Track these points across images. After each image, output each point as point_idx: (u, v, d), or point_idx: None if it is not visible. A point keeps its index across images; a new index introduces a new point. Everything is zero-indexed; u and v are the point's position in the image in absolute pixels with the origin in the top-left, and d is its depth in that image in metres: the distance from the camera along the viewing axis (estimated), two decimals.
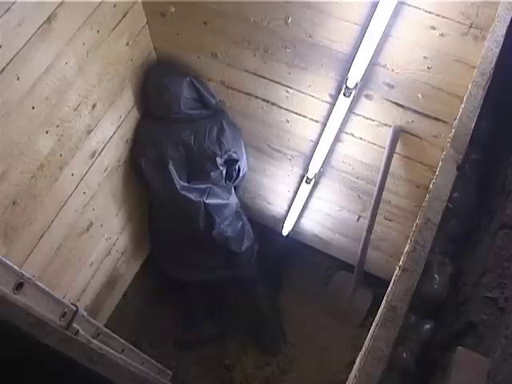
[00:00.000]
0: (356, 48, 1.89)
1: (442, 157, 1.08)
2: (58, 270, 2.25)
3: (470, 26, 1.68)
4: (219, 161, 2.45)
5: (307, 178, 2.56)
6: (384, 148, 2.19)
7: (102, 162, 2.31)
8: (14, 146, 1.77)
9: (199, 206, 2.48)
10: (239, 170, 2.59)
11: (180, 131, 2.38)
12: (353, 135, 2.28)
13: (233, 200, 2.63)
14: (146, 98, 2.38)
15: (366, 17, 1.80)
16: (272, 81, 2.24)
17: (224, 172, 2.52)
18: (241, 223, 2.72)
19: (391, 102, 2.04)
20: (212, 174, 2.48)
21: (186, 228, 2.61)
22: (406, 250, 0.98)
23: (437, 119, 2.00)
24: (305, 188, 2.64)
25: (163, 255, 2.85)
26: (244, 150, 2.57)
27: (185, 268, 2.80)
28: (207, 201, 2.49)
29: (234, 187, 2.70)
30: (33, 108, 1.78)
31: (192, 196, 2.45)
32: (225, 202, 2.57)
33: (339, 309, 3.01)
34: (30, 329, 0.85)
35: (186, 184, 2.47)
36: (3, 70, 1.59)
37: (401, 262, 0.96)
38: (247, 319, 3.01)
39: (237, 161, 2.53)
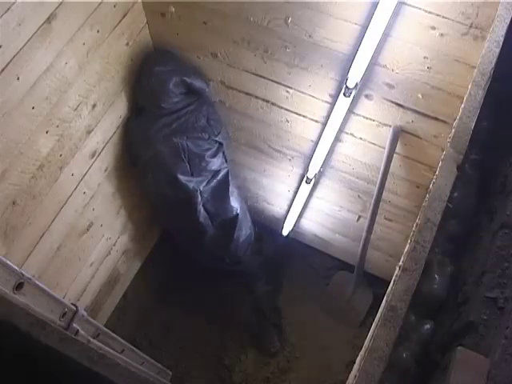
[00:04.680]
0: (356, 48, 1.89)
1: (442, 157, 1.08)
2: (57, 270, 2.26)
3: (470, 26, 1.68)
4: (214, 142, 2.43)
5: (307, 177, 2.56)
6: (384, 148, 2.19)
7: (102, 162, 2.31)
8: (14, 146, 1.77)
9: (196, 197, 2.46)
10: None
11: (171, 121, 2.32)
12: (353, 135, 2.28)
13: (229, 182, 2.59)
14: (138, 87, 2.33)
15: (366, 17, 1.80)
16: (272, 81, 2.24)
17: (221, 152, 2.49)
18: (240, 214, 2.70)
19: (391, 101, 2.05)
20: (211, 159, 2.43)
21: (186, 219, 2.60)
22: (405, 249, 0.98)
23: (437, 119, 2.01)
24: (305, 188, 2.64)
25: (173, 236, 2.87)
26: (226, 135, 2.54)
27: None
28: (203, 189, 2.47)
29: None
30: (33, 108, 1.78)
31: (190, 186, 2.42)
32: (221, 187, 2.54)
33: (339, 309, 3.01)
34: (30, 329, 0.85)
35: (184, 176, 2.42)
36: (3, 70, 1.59)
37: (401, 262, 0.96)
38: (246, 317, 3.02)
39: (222, 144, 2.49)
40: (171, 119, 2.33)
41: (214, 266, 2.84)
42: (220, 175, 2.53)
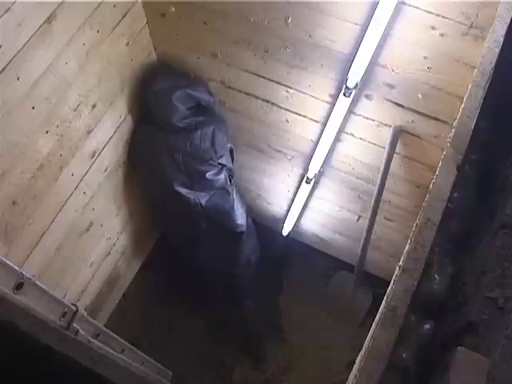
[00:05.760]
0: (356, 48, 1.89)
1: (442, 157, 1.08)
2: (58, 270, 2.26)
3: (470, 26, 1.68)
4: (216, 164, 2.43)
5: (307, 177, 2.56)
6: (384, 148, 2.19)
7: (102, 162, 2.31)
8: (13, 146, 1.77)
9: (197, 209, 2.46)
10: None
11: (175, 139, 2.33)
12: (353, 135, 2.28)
13: (234, 200, 2.62)
14: (144, 103, 2.34)
15: (366, 17, 1.80)
16: (272, 81, 2.24)
17: (224, 172, 2.50)
18: (245, 232, 2.69)
19: (391, 101, 2.04)
20: (213, 178, 2.43)
21: (189, 231, 2.61)
22: (405, 249, 0.98)
23: (437, 119, 2.01)
24: (305, 188, 2.64)
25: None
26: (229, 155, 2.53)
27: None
28: (205, 204, 2.47)
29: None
30: (33, 108, 1.78)
31: (190, 199, 2.42)
32: (225, 204, 2.56)
33: (339, 309, 3.01)
34: (29, 329, 0.85)
35: (184, 189, 2.41)
36: (3, 70, 1.59)
37: (401, 262, 0.96)
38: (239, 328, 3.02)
39: (225, 165, 2.48)
40: (176, 136, 2.32)
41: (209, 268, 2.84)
42: (224, 192, 2.52)
